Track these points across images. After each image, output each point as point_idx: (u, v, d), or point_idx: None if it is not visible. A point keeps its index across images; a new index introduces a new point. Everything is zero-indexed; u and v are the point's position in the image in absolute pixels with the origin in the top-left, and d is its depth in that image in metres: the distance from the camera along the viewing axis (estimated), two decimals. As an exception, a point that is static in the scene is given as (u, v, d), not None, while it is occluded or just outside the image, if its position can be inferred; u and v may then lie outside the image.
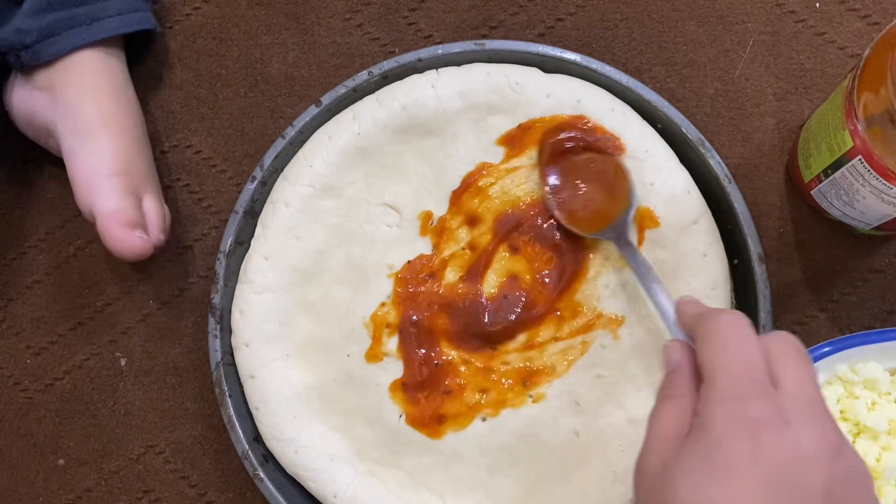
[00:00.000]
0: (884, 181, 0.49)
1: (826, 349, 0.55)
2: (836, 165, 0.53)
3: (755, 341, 0.40)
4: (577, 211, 0.60)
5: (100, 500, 0.65)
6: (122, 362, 0.67)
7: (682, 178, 0.60)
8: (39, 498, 0.66)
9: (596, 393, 0.59)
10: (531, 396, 0.59)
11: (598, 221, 0.59)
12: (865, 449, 0.54)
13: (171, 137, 0.69)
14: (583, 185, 0.60)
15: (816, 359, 0.55)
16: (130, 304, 0.68)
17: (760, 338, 0.41)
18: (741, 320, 0.41)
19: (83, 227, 0.69)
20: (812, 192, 0.60)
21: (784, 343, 0.41)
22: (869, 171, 0.50)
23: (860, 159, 0.50)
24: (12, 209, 0.69)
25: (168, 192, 0.69)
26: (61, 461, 0.66)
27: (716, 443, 0.36)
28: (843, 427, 0.55)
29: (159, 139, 0.69)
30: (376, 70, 0.64)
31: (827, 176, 0.56)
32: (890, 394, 0.55)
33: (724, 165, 0.60)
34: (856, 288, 0.63)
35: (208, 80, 0.70)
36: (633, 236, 0.59)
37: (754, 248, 0.59)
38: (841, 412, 0.55)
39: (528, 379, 0.60)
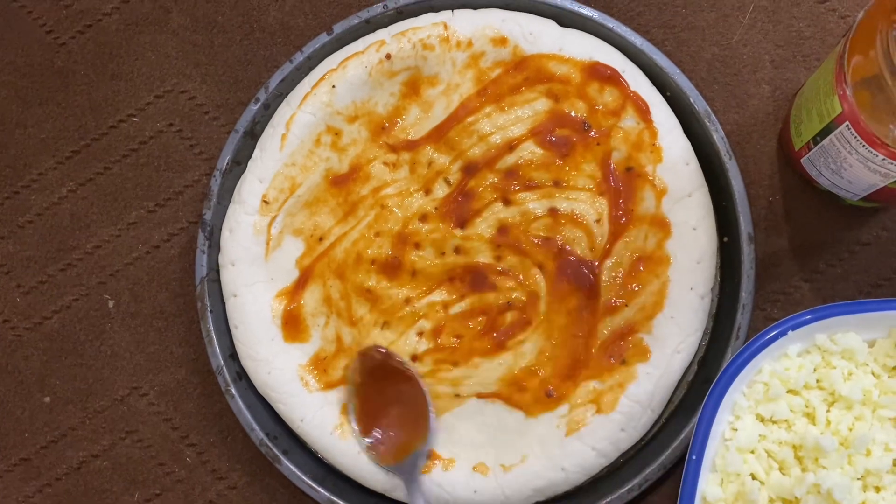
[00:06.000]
0: (870, 148, 0.49)
1: (806, 317, 0.55)
2: (825, 132, 0.53)
3: None
4: (382, 443, 0.59)
5: (84, 438, 0.66)
6: (110, 304, 0.68)
7: (683, 149, 0.60)
8: (25, 434, 0.67)
9: None
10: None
11: (397, 453, 0.59)
12: (839, 418, 0.54)
13: (165, 82, 0.69)
14: (391, 416, 0.59)
15: (796, 326, 0.54)
16: (120, 248, 0.68)
17: None
18: None
19: (76, 168, 0.69)
20: (802, 160, 0.59)
21: None
22: (856, 137, 0.49)
23: (847, 125, 0.49)
24: (6, 148, 0.70)
25: (160, 137, 0.69)
26: (47, 399, 0.67)
27: None
28: (818, 396, 0.55)
29: (153, 83, 0.69)
30: (391, 3, 0.64)
31: (816, 143, 0.55)
32: (867, 365, 0.55)
33: (726, 141, 0.60)
34: (841, 260, 0.62)
35: (204, 25, 0.69)
36: (419, 477, 0.58)
37: (745, 227, 0.60)
38: (817, 381, 0.55)
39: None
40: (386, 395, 0.59)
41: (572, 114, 0.61)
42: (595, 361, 0.59)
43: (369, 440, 0.59)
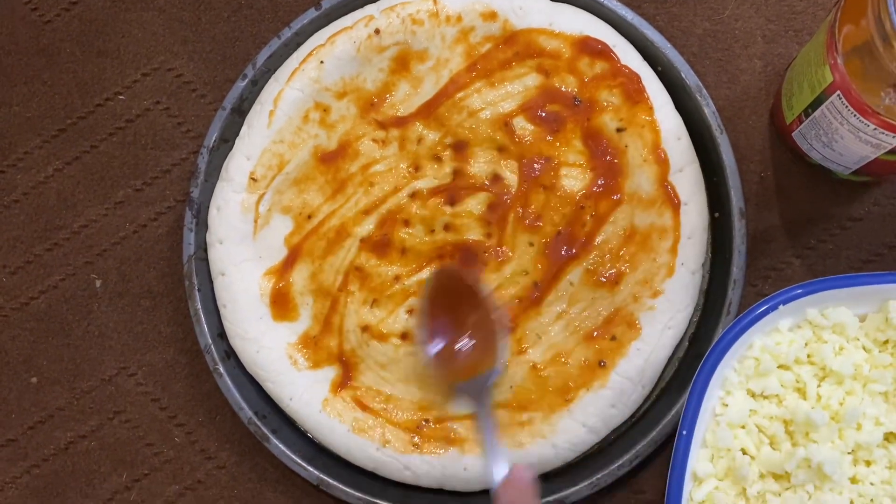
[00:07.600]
0: (861, 118, 0.49)
1: (797, 292, 0.54)
2: (816, 103, 0.53)
3: None
4: (453, 360, 0.58)
5: (71, 418, 0.66)
6: (98, 284, 0.67)
7: (674, 124, 0.60)
8: (12, 415, 0.66)
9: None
10: None
11: (466, 372, 0.57)
12: (829, 393, 0.54)
13: (152, 60, 0.69)
14: (465, 336, 0.58)
15: (787, 301, 0.54)
16: (107, 227, 0.67)
17: None
18: None
19: (62, 147, 0.68)
20: (793, 134, 0.59)
21: None
22: (847, 107, 0.49)
23: (838, 95, 0.49)
24: (-9, 127, 0.69)
25: (147, 115, 0.68)
26: (34, 379, 0.66)
27: None
28: (809, 371, 0.55)
29: (140, 61, 0.68)
30: (380, -22, 0.63)
31: (807, 116, 0.55)
32: (857, 339, 0.55)
33: (717, 116, 0.60)
34: (833, 236, 0.62)
35: (191, 2, 0.69)
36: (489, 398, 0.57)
37: (737, 202, 0.59)
38: (808, 356, 0.55)
39: None
40: (456, 314, 0.58)
41: (563, 89, 0.61)
42: (585, 338, 0.59)
43: (433, 347, 0.57)
